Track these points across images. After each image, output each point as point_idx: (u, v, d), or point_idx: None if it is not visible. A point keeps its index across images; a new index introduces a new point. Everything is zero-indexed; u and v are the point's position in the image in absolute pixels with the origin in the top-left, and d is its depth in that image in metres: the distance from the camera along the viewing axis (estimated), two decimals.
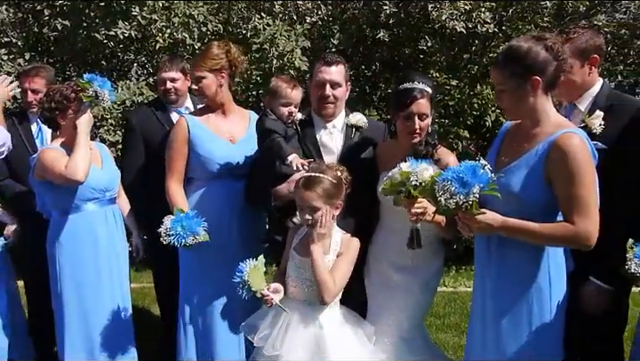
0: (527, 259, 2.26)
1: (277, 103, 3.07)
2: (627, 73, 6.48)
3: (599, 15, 6.15)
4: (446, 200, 2.11)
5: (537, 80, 2.20)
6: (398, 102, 2.76)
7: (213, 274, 3.20)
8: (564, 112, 2.72)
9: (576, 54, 2.56)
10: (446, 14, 5.53)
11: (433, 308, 5.13)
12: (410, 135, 2.74)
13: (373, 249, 2.91)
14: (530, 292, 2.25)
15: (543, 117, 2.25)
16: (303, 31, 6.03)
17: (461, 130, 6.29)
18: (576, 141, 2.14)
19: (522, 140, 2.29)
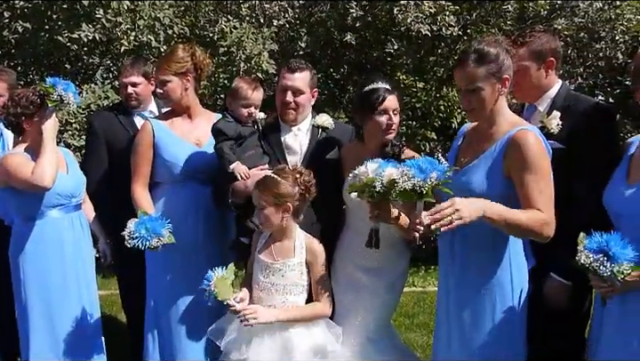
0: (489, 256, 2.32)
1: (238, 104, 3.09)
2: (586, 75, 6.68)
3: (559, 19, 6.32)
4: (404, 182, 2.19)
5: (507, 79, 2.30)
6: (370, 101, 2.80)
7: (181, 278, 3.17)
8: (526, 113, 2.80)
9: (532, 57, 2.64)
10: (411, 17, 5.61)
11: (402, 307, 5.19)
12: (385, 132, 2.79)
13: (339, 250, 2.94)
14: (492, 289, 2.31)
15: (500, 118, 2.34)
16: (270, 34, 6.04)
17: (428, 132, 6.40)
18: (531, 137, 2.23)
19: (480, 140, 2.37)
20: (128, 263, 3.41)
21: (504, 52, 2.30)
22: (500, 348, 2.32)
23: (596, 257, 2.04)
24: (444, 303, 2.46)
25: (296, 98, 3.05)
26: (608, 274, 2.04)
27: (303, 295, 2.68)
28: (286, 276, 2.64)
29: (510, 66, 2.31)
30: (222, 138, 3.03)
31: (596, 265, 2.04)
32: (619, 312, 2.19)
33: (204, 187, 3.22)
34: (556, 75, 2.74)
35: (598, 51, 6.49)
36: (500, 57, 2.28)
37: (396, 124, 2.81)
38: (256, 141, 3.10)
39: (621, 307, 2.17)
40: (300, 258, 2.65)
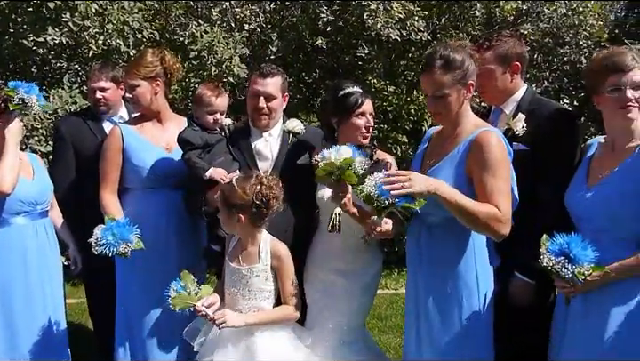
0: (455, 257, 2.37)
1: (203, 111, 3.07)
2: (552, 79, 6.84)
3: (525, 24, 6.46)
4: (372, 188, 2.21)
5: (472, 84, 2.37)
6: (347, 105, 2.82)
7: (152, 284, 3.14)
8: (493, 115, 2.86)
9: (498, 61, 2.71)
10: (381, 22, 5.66)
11: (375, 310, 5.23)
12: (363, 134, 2.81)
13: (313, 254, 2.95)
14: (459, 289, 2.36)
15: (464, 120, 2.40)
16: (241, 38, 6.03)
17: (400, 135, 6.46)
18: (493, 139, 2.30)
19: (444, 142, 2.43)
20: (97, 270, 3.36)
21: (468, 57, 2.36)
22: (468, 348, 2.37)
23: (557, 259, 2.11)
24: (412, 304, 2.50)
25: (268, 103, 3.04)
26: (570, 276, 2.10)
27: (269, 301, 2.67)
28: (251, 282, 2.64)
29: (474, 71, 2.37)
30: (189, 147, 3.01)
31: (557, 267, 2.11)
32: (582, 311, 2.25)
33: (175, 192, 3.20)
34: (522, 79, 2.80)
35: (563, 55, 6.66)
36: (465, 63, 2.34)
37: (372, 127, 2.83)
38: (225, 148, 3.09)
39: (584, 306, 2.24)
40: (265, 263, 2.65)
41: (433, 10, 6.38)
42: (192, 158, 2.98)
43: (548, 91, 6.75)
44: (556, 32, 6.57)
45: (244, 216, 2.60)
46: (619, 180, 2.21)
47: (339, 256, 2.84)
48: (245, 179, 2.65)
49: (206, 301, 2.58)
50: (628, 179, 2.18)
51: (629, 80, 2.20)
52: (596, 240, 2.18)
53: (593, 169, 2.35)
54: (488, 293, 2.40)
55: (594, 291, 2.19)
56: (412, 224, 2.52)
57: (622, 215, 2.19)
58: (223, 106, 3.12)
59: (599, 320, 2.20)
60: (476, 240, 2.39)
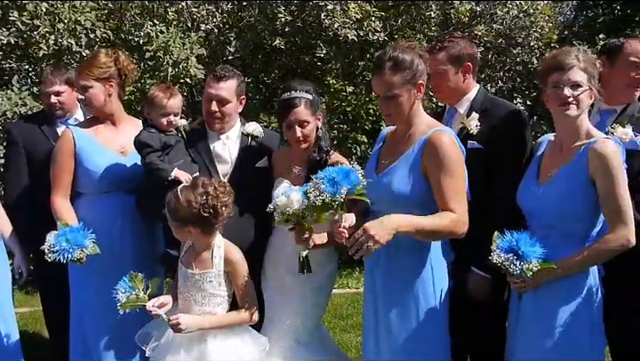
0: (411, 254, 2.41)
1: (156, 113, 3.02)
2: (506, 79, 7.03)
3: (479, 25, 6.62)
4: (315, 197, 2.26)
5: (422, 84, 2.40)
6: (279, 112, 2.84)
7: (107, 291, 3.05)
8: (447, 115, 2.92)
9: (450, 61, 2.77)
10: (338, 23, 5.70)
11: (336, 309, 5.26)
12: (298, 144, 2.81)
13: (270, 254, 2.94)
14: (415, 285, 2.40)
15: (417, 120, 2.44)
16: (198, 39, 5.96)
17: (359, 135, 6.52)
18: (445, 138, 2.34)
19: (399, 142, 2.46)
20: (50, 277, 3.27)
21: (417, 57, 2.39)
22: (425, 344, 2.41)
23: (506, 256, 2.20)
24: (370, 302, 2.53)
25: (222, 107, 2.99)
26: (518, 272, 2.18)
27: (223, 306, 2.63)
28: (204, 288, 2.59)
29: (424, 70, 2.41)
30: (148, 150, 2.94)
31: (507, 264, 2.19)
32: (532, 306, 2.33)
33: (130, 196, 3.13)
34: (474, 79, 2.87)
35: (516, 56, 6.86)
36: (415, 63, 2.37)
37: (306, 136, 2.78)
38: (183, 150, 3.04)
39: (534, 300, 2.31)
40: (219, 269, 2.60)
41: (390, 11, 6.46)
42: (154, 161, 2.92)
43: (502, 90, 6.93)
44: (508, 33, 6.76)
45: (193, 228, 2.56)
46: (566, 179, 2.29)
47: (292, 257, 2.84)
48: (190, 189, 2.55)
49: (157, 301, 2.54)
50: (575, 177, 2.26)
51: (567, 78, 2.27)
52: (545, 236, 2.26)
53: (543, 167, 2.42)
54: (443, 289, 2.45)
55: (543, 286, 2.27)
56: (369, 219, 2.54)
57: (569, 212, 2.27)
58: (177, 107, 3.07)
59: (548, 315, 2.28)
60: None
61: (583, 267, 2.27)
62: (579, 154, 2.27)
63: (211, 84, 3.02)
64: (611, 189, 2.19)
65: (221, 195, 2.54)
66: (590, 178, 2.23)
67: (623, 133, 2.68)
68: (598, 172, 2.21)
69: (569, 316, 2.26)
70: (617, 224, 2.21)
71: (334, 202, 2.24)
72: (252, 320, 2.64)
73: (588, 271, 2.29)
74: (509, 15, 6.65)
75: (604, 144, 2.22)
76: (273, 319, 2.87)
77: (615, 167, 2.19)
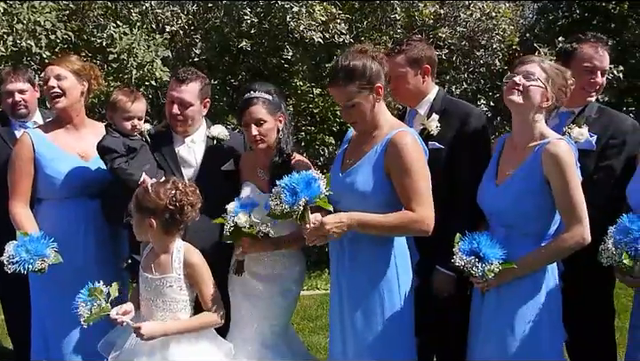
0: (376, 253, 2.44)
1: (119, 117, 2.98)
2: (470, 80, 7.14)
3: (443, 28, 6.72)
4: (275, 206, 2.33)
5: (380, 87, 2.41)
6: (238, 113, 2.85)
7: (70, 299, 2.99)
8: (409, 116, 2.96)
9: (409, 64, 2.81)
10: (304, 25, 5.71)
11: (305, 310, 5.27)
12: (255, 143, 2.81)
13: (234, 259, 2.92)
14: (380, 284, 2.43)
15: (381, 121, 2.47)
16: (163, 40, 5.90)
17: (326, 136, 6.56)
18: (408, 138, 2.38)
19: (363, 142, 2.49)
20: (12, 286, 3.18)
21: (370, 60, 2.41)
22: (391, 344, 2.44)
23: (468, 258, 2.25)
24: (336, 303, 2.55)
25: (184, 110, 2.97)
26: (480, 274, 2.23)
27: (186, 311, 2.59)
28: (165, 292, 2.56)
29: (379, 72, 2.42)
30: (112, 155, 2.89)
31: (469, 266, 2.24)
32: (495, 303, 2.38)
33: (93, 202, 3.08)
34: (433, 81, 2.92)
35: (479, 58, 6.97)
36: (367, 68, 2.38)
37: (263, 136, 2.78)
38: (149, 154, 3.00)
39: (497, 298, 2.37)
40: (179, 273, 2.57)
41: (355, 13, 6.50)
42: (122, 166, 2.87)
43: (466, 91, 7.04)
44: (472, 36, 6.88)
45: (155, 221, 2.52)
46: (521, 179, 2.35)
47: (259, 261, 2.84)
48: (161, 183, 2.58)
49: (120, 309, 2.51)
50: (530, 177, 2.32)
51: (523, 69, 2.35)
52: (505, 235, 2.32)
53: (500, 167, 2.48)
54: (408, 288, 2.49)
55: (505, 285, 2.32)
56: None
57: (526, 212, 2.33)
58: (140, 111, 3.03)
59: (510, 313, 2.34)
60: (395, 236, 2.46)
61: (542, 265, 2.33)
62: (533, 154, 2.32)
63: (173, 86, 3.00)
64: (565, 189, 2.26)
65: (190, 193, 2.55)
66: (545, 178, 2.29)
67: (579, 134, 2.76)
68: (552, 172, 2.27)
69: (531, 314, 2.32)
70: (572, 223, 2.27)
71: (293, 212, 2.30)
72: (217, 323, 2.62)
73: (547, 269, 2.35)
74: (472, 18, 6.77)
75: (557, 145, 2.28)
76: (239, 324, 2.86)
77: (568, 167, 2.25)
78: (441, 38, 6.65)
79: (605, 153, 2.76)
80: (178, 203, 2.51)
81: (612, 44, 8.02)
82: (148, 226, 2.54)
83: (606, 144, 2.77)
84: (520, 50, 6.80)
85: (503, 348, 2.33)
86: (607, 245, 2.23)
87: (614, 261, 2.22)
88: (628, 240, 2.17)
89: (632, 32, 7.56)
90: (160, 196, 2.51)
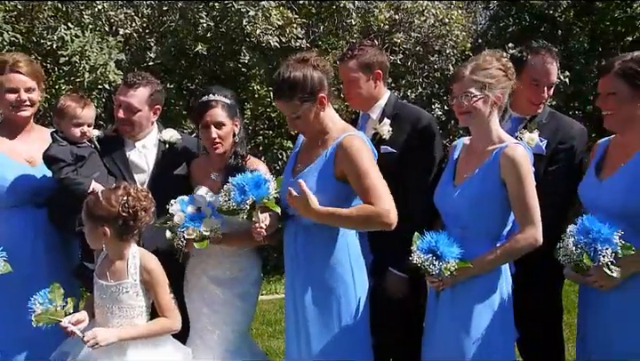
0: (331, 255, 2.46)
1: (68, 124, 2.90)
2: (425, 85, 7.30)
3: (398, 33, 6.84)
4: (224, 202, 2.42)
5: (323, 97, 2.44)
6: (196, 115, 2.83)
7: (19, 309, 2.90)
8: (361, 121, 3.00)
9: (361, 69, 2.85)
10: (260, 29, 5.71)
11: (264, 315, 5.25)
12: (213, 146, 2.80)
13: (191, 266, 2.90)
14: (336, 286, 2.45)
15: (330, 126, 2.50)
16: (117, 43, 5.79)
17: (285, 140, 6.56)
18: (356, 141, 2.42)
19: (313, 147, 2.52)
20: None
21: (311, 70, 2.42)
22: (347, 345, 2.46)
23: (426, 256, 2.29)
24: (291, 305, 2.55)
25: (131, 116, 2.93)
26: (437, 272, 2.28)
27: (142, 317, 2.55)
28: (121, 299, 2.52)
29: (322, 81, 2.44)
30: (60, 165, 2.81)
31: (426, 264, 2.28)
32: (450, 303, 2.43)
33: (42, 209, 2.99)
34: (384, 85, 2.97)
35: (434, 63, 7.13)
36: (309, 80, 2.40)
37: (222, 138, 2.78)
38: (98, 161, 2.93)
39: (451, 297, 2.42)
40: (135, 279, 2.53)
41: (312, 18, 6.55)
42: (70, 176, 2.80)
43: (421, 96, 7.19)
44: (426, 41, 7.03)
45: (109, 229, 2.48)
46: (479, 181, 2.41)
47: (216, 264, 2.82)
48: (112, 190, 2.52)
49: (73, 318, 2.45)
50: (487, 179, 2.38)
51: (459, 88, 2.42)
52: (462, 236, 2.38)
53: (458, 169, 2.54)
54: (363, 289, 2.52)
55: (459, 285, 2.38)
56: (288, 225, 2.58)
57: (482, 213, 2.40)
58: (90, 117, 2.96)
59: (464, 313, 2.39)
60: (349, 238, 2.50)
61: (496, 265, 2.39)
62: (491, 157, 2.39)
63: (122, 90, 2.97)
64: (520, 192, 2.32)
65: (143, 198, 2.52)
66: (502, 180, 2.36)
67: (530, 139, 2.84)
68: (509, 175, 2.34)
69: (484, 314, 2.37)
70: (526, 224, 2.34)
71: (240, 210, 2.35)
72: (174, 329, 2.58)
73: (500, 270, 2.42)
74: (426, 24, 6.92)
75: (515, 149, 2.35)
76: (201, 331, 2.82)
77: (524, 171, 2.32)
78: (396, 43, 6.77)
79: (554, 157, 2.85)
80: (131, 209, 2.47)
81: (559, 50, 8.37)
82: (102, 234, 2.49)
83: (555, 148, 2.86)
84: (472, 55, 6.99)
85: (457, 348, 2.37)
86: (566, 245, 2.26)
87: (572, 260, 2.26)
88: (588, 240, 2.22)
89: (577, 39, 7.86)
90: (112, 204, 2.46)
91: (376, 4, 6.75)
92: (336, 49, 6.41)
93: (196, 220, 2.65)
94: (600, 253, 2.18)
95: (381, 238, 2.58)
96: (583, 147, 2.91)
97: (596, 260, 2.20)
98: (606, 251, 2.17)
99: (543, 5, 8.46)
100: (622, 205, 2.29)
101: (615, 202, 2.31)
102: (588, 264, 2.22)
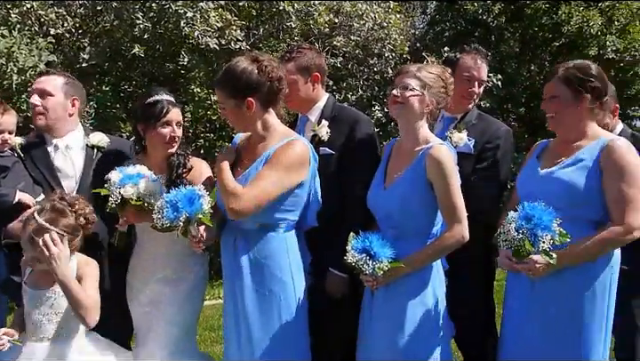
0: (271, 257, 2.45)
1: None
2: (365, 87, 7.41)
3: (338, 37, 6.92)
4: (157, 219, 2.38)
5: (251, 101, 2.43)
6: (152, 113, 2.74)
7: None
8: (300, 123, 3.01)
9: (299, 71, 2.86)
10: (199, 31, 5.64)
11: (207, 321, 5.17)
12: (168, 144, 2.75)
13: (135, 269, 2.82)
14: (276, 287, 2.44)
15: (270, 130, 2.49)
16: (47, 44, 5.56)
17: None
18: (298, 147, 2.43)
19: (251, 151, 2.51)
20: None
21: (255, 70, 2.42)
22: (285, 346, 2.45)
23: (360, 256, 2.33)
24: (231, 307, 2.53)
25: (42, 100, 2.81)
26: (370, 271, 2.32)
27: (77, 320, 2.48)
28: (57, 304, 2.45)
29: (259, 84, 2.42)
30: None
31: (360, 263, 2.32)
32: (383, 298, 2.47)
33: None
34: (323, 88, 2.99)
35: (373, 66, 7.25)
36: (243, 78, 2.41)
37: (178, 137, 2.77)
38: (23, 171, 2.81)
39: (385, 294, 2.47)
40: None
41: (252, 20, 6.52)
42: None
43: (362, 98, 7.29)
44: (366, 45, 7.14)
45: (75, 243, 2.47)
46: (407, 182, 2.46)
47: (164, 265, 2.75)
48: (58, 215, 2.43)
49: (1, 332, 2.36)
50: (415, 180, 2.44)
51: (400, 80, 2.49)
52: (394, 236, 2.43)
53: (389, 170, 2.59)
54: (302, 290, 2.52)
55: (392, 283, 2.43)
56: (226, 230, 2.56)
57: (411, 213, 2.45)
58: (11, 123, 2.81)
59: (398, 310, 2.43)
60: (288, 240, 2.50)
61: (427, 263, 2.45)
62: (417, 158, 2.45)
63: (35, 81, 2.92)
64: (446, 191, 2.40)
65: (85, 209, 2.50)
66: (428, 180, 2.43)
67: (459, 138, 2.96)
68: (434, 175, 2.41)
69: (418, 311, 2.42)
70: (453, 222, 2.41)
71: (174, 227, 2.34)
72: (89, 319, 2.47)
73: (431, 267, 2.48)
74: (366, 27, 7.03)
75: (439, 150, 2.42)
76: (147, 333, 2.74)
77: (449, 170, 2.40)
78: (336, 47, 6.84)
79: (481, 156, 2.96)
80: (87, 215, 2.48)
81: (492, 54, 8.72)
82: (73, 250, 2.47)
83: (482, 148, 2.97)
84: (410, 58, 7.16)
85: (392, 346, 2.42)
86: (507, 230, 2.31)
87: (513, 246, 2.31)
88: (530, 226, 2.28)
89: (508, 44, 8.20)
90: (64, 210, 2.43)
91: (316, 8, 6.79)
92: (276, 51, 6.41)
93: (134, 177, 2.57)
94: (540, 240, 2.25)
95: (320, 239, 2.60)
96: (509, 146, 3.04)
97: (536, 246, 2.28)
98: (546, 237, 2.25)
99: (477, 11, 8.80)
100: (560, 197, 2.38)
101: (553, 194, 2.40)
102: (529, 249, 2.28)
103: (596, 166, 2.38)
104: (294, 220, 2.51)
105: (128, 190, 2.52)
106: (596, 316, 2.39)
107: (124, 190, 2.52)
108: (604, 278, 2.40)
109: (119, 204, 2.53)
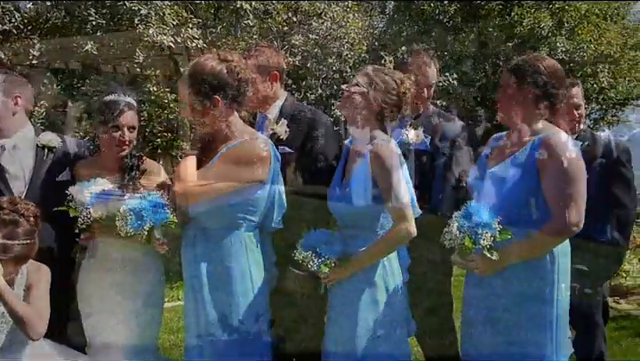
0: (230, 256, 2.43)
1: None
2: (324, 86, 7.43)
3: (297, 35, 6.91)
4: (121, 227, 2.38)
5: (217, 99, 2.41)
6: (106, 114, 2.69)
7: None
8: (259, 121, 2.99)
9: (258, 70, 2.84)
10: (154, 29, 5.53)
11: (167, 323, 5.05)
12: (118, 147, 2.68)
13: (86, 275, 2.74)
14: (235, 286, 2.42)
15: (231, 129, 2.47)
16: None
17: (183, 142, 6.43)
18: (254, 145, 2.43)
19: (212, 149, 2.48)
20: None
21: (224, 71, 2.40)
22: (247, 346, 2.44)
23: (306, 253, 2.34)
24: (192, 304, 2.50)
25: None
26: (316, 268, 2.34)
27: None
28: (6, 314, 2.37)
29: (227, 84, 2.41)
30: None
31: (306, 260, 2.34)
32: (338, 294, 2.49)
33: None
34: (281, 87, 2.98)
35: (332, 65, 7.27)
36: (211, 77, 2.39)
37: (129, 141, 2.70)
38: None
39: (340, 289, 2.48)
40: (22, 288, 2.44)
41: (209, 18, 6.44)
42: None
43: (321, 97, 7.31)
44: (324, 43, 7.15)
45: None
46: (356, 180, 2.47)
47: (119, 270, 2.69)
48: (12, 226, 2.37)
49: None
50: (362, 179, 2.45)
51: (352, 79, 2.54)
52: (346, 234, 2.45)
53: (346, 170, 2.60)
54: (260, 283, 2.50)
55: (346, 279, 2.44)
56: (185, 228, 2.52)
57: (362, 211, 2.46)
58: None
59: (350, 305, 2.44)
60: (248, 239, 2.48)
61: (375, 258, 2.46)
62: (363, 156, 2.46)
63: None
64: (389, 187, 2.40)
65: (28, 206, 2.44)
66: (373, 178, 2.44)
67: (415, 135, 2.99)
68: (377, 172, 2.42)
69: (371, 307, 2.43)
70: (399, 218, 2.41)
71: (138, 235, 2.36)
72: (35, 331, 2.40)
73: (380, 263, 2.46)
74: (324, 26, 7.04)
75: (379, 146, 2.43)
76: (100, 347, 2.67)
77: (391, 167, 2.40)
78: (295, 45, 6.83)
79: (437, 152, 3.01)
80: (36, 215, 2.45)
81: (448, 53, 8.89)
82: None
83: (439, 145, 3.02)
84: (369, 58, 7.22)
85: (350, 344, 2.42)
86: (451, 229, 2.34)
87: (456, 244, 2.34)
88: (471, 225, 2.32)
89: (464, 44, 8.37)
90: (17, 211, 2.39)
91: (274, 6, 6.77)
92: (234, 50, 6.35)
93: (102, 197, 2.54)
94: (480, 237, 2.30)
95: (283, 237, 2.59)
96: (465, 142, 3.10)
97: (476, 244, 2.32)
98: (486, 235, 2.29)
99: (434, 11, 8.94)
100: (503, 197, 2.41)
101: (497, 193, 2.42)
102: (470, 247, 2.32)
103: (532, 164, 2.35)
104: (255, 220, 2.48)
105: (97, 211, 2.51)
106: (542, 315, 2.37)
107: (94, 210, 2.50)
108: (547, 275, 2.38)
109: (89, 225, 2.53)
